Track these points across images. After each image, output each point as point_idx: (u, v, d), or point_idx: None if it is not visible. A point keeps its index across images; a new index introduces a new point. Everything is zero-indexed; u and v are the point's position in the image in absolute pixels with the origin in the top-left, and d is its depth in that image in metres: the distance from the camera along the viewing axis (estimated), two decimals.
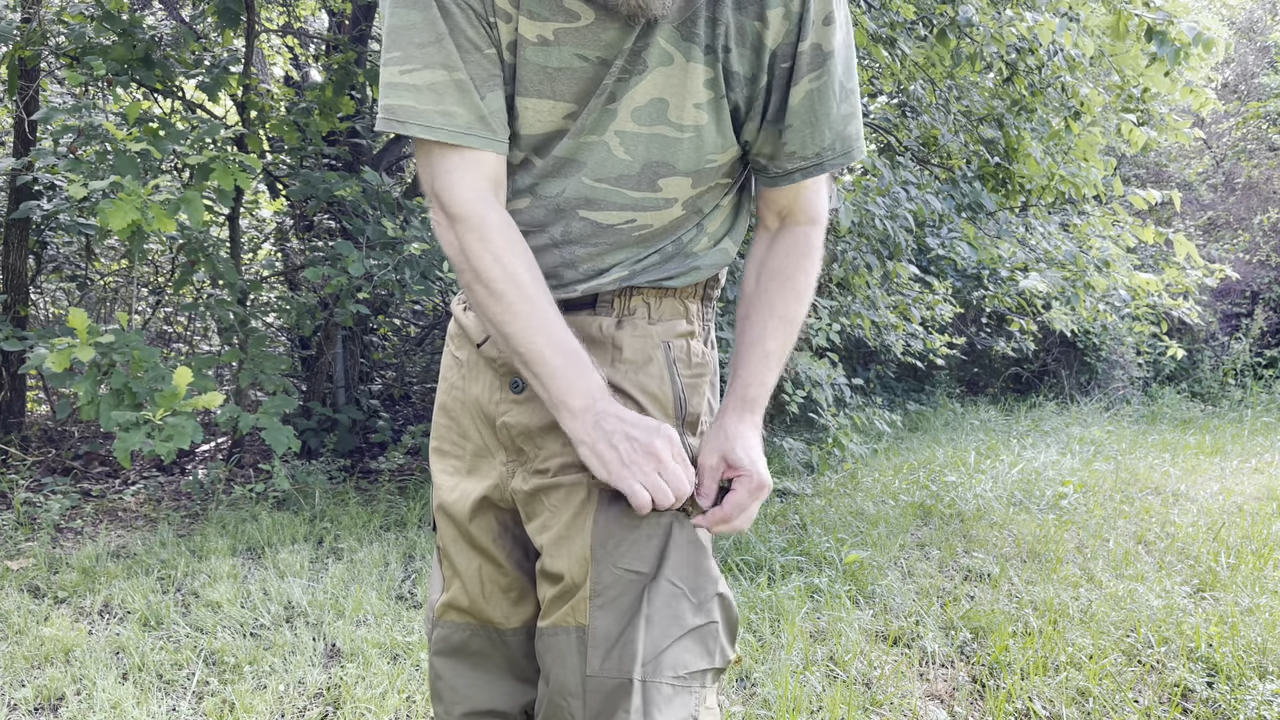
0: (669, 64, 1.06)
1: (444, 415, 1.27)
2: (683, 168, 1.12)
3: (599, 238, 1.14)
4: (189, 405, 3.01)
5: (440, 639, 1.27)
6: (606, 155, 1.10)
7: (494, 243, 1.06)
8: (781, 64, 1.09)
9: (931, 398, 8.49)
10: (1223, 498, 4.65)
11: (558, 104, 1.09)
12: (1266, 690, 2.30)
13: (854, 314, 5.19)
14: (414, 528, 3.79)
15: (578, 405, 1.05)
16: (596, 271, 1.15)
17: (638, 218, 1.14)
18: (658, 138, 1.10)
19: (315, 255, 4.87)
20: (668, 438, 1.05)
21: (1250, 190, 10.84)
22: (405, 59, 1.04)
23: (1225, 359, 9.80)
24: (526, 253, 1.08)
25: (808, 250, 1.20)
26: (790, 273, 1.19)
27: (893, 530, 3.89)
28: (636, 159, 1.10)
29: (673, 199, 1.14)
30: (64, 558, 3.28)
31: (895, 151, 5.26)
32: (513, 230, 1.08)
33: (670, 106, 1.08)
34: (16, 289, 4.52)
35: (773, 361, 1.17)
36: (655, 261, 1.17)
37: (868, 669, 2.49)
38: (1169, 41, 3.73)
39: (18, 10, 4.42)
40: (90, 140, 3.49)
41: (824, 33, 1.07)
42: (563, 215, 1.13)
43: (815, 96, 1.10)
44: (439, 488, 1.26)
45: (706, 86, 1.08)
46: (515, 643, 1.25)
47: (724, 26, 1.05)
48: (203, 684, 2.34)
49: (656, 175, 1.11)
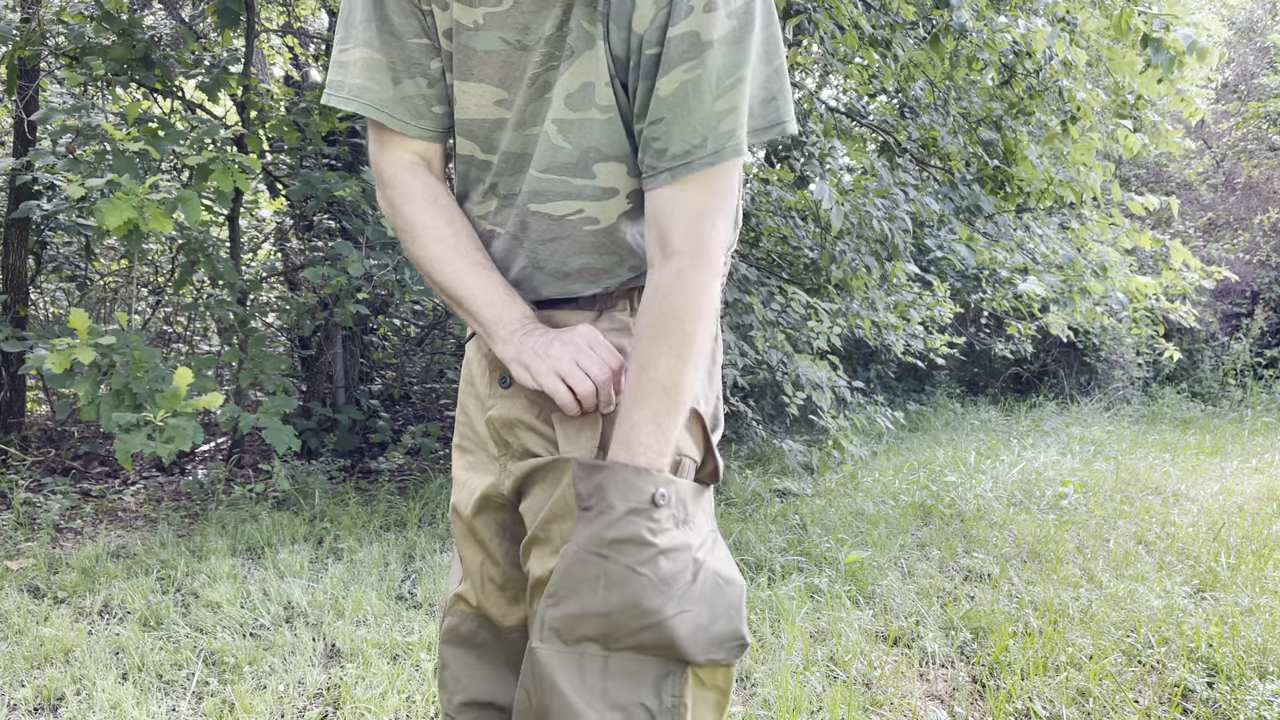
0: (591, 46, 1.04)
1: (461, 412, 1.29)
2: (611, 151, 1.09)
3: (554, 231, 1.13)
4: (190, 406, 3.00)
5: (449, 628, 1.29)
6: (548, 145, 1.10)
7: (416, 200, 1.15)
8: (648, 50, 1.02)
9: (932, 398, 8.49)
10: (1223, 498, 4.65)
11: (487, 88, 1.10)
12: (1266, 690, 2.30)
13: (853, 315, 5.19)
14: (414, 528, 3.79)
15: (505, 332, 1.11)
16: (563, 274, 1.15)
17: (584, 208, 1.12)
18: (589, 122, 1.08)
19: (315, 255, 4.87)
20: (588, 331, 1.08)
21: (1250, 190, 10.84)
22: (345, 38, 1.13)
23: (1225, 359, 9.80)
24: (450, 208, 1.16)
25: (689, 297, 1.02)
26: (665, 327, 1.02)
27: (893, 530, 3.89)
28: (574, 145, 1.09)
29: (612, 189, 1.11)
30: (64, 558, 3.28)
31: (894, 153, 5.26)
32: (437, 192, 1.16)
33: (595, 89, 1.06)
34: (16, 289, 4.52)
35: (640, 433, 1.01)
36: (627, 275, 1.15)
37: (868, 669, 2.49)
38: (1164, 49, 3.73)
39: (17, 10, 4.42)
40: (89, 141, 3.49)
41: (703, 20, 0.98)
42: (519, 210, 1.14)
43: (688, 89, 1.00)
44: (455, 482, 1.28)
45: (611, 63, 1.05)
46: (512, 640, 1.26)
47: (611, 3, 1.03)
48: (202, 684, 2.34)
49: (590, 160, 1.10)
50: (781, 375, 4.75)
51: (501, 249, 1.17)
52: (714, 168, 1.04)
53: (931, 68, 4.46)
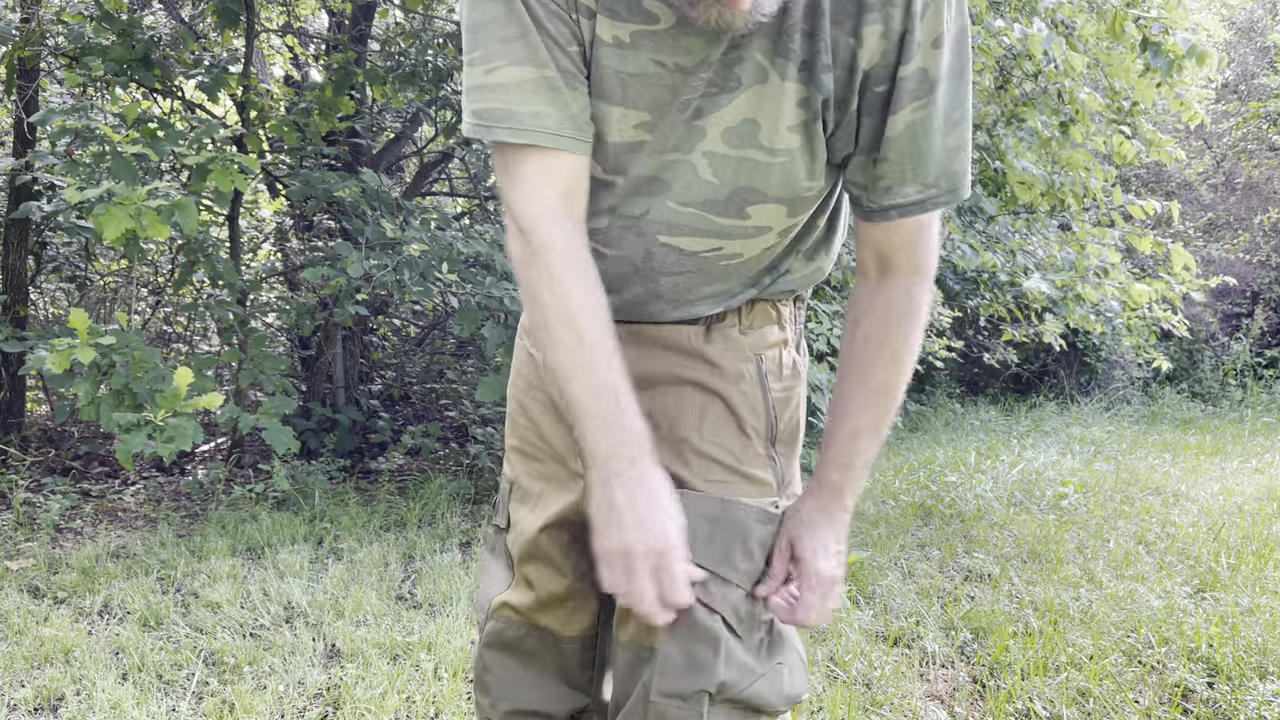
0: (763, 81, 0.95)
1: (523, 415, 1.20)
2: (774, 195, 1.02)
3: (684, 265, 1.06)
4: (189, 406, 3.00)
5: (493, 633, 1.23)
6: (693, 178, 1.01)
7: (556, 267, 0.96)
8: (876, 88, 0.96)
9: (932, 398, 8.49)
10: (1223, 498, 4.65)
11: (629, 112, 0.99)
12: (1267, 690, 2.30)
13: None
14: (414, 528, 3.79)
15: (599, 459, 0.97)
16: (685, 302, 1.08)
17: (725, 246, 1.05)
18: (747, 161, 1.00)
19: (315, 255, 4.87)
20: (656, 558, 0.96)
21: (1250, 190, 10.84)
22: (488, 57, 0.95)
23: (1225, 359, 9.80)
24: (589, 279, 0.98)
25: (909, 309, 1.05)
26: (885, 337, 1.05)
27: (893, 530, 3.89)
28: (725, 183, 1.01)
29: (765, 227, 1.04)
30: (64, 558, 3.28)
31: None
32: (580, 253, 0.98)
33: (762, 129, 0.98)
34: (16, 289, 4.51)
35: (863, 441, 1.06)
36: (751, 293, 1.10)
37: (868, 669, 2.49)
38: (1163, 53, 3.73)
39: (17, 10, 4.42)
40: (88, 142, 3.48)
41: (931, 56, 0.93)
42: (644, 239, 1.05)
43: (918, 129, 0.96)
44: (519, 489, 1.21)
45: (800, 107, 0.97)
46: (570, 650, 1.22)
47: (821, 42, 0.94)
48: (202, 684, 2.34)
49: (745, 202, 1.02)
50: None
51: (612, 271, 1.07)
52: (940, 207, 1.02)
53: None
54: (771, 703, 1.05)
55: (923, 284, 1.05)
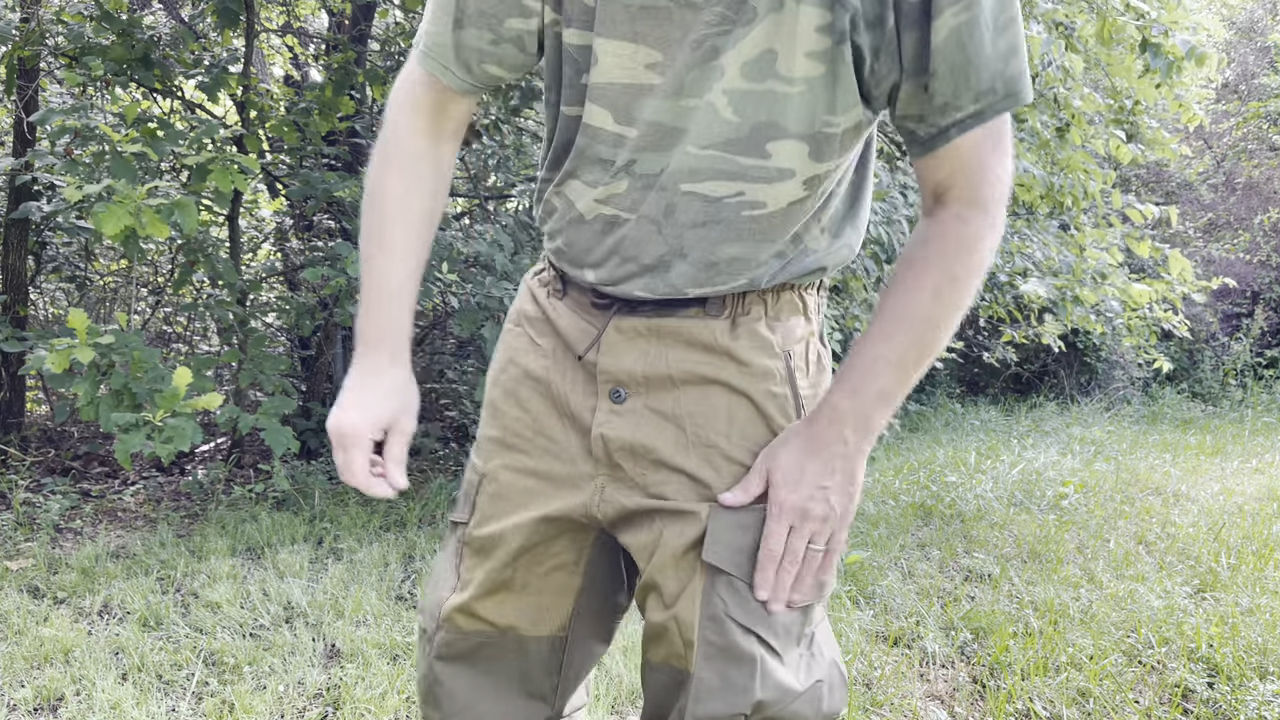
0: (779, 9, 0.90)
1: (516, 407, 1.13)
2: (794, 129, 0.95)
3: (708, 214, 1.00)
4: (189, 406, 3.00)
5: (445, 642, 1.15)
6: (713, 118, 0.95)
7: (390, 148, 1.10)
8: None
9: (932, 398, 8.49)
10: (1223, 498, 4.65)
11: (639, 48, 0.94)
12: (1267, 690, 2.30)
13: (851, 316, 5.19)
14: (414, 528, 3.78)
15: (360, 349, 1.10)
16: (708, 264, 1.01)
17: (746, 190, 0.98)
18: (769, 95, 0.93)
19: (315, 255, 4.87)
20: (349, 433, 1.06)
21: (1250, 190, 10.84)
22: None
23: (1225, 359, 9.80)
24: (415, 178, 1.09)
25: (960, 240, 0.97)
26: (927, 266, 0.97)
27: (893, 530, 3.89)
28: (745, 120, 0.95)
29: (787, 169, 0.97)
30: (63, 558, 3.28)
31: (896, 158, 5.26)
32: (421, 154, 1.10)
33: (779, 57, 0.92)
34: (16, 289, 4.51)
35: (880, 369, 0.97)
36: (775, 266, 1.03)
37: (868, 669, 2.48)
38: (1162, 54, 3.73)
39: (17, 10, 4.42)
40: (87, 142, 3.48)
41: None
42: (665, 193, 1.00)
43: (963, 33, 0.88)
44: (501, 484, 1.13)
45: (821, 32, 0.90)
46: (537, 652, 1.16)
47: None
48: (202, 684, 2.34)
49: (765, 138, 0.96)
50: None
51: (632, 236, 1.02)
52: (1002, 115, 0.94)
53: None
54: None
55: (982, 215, 0.97)
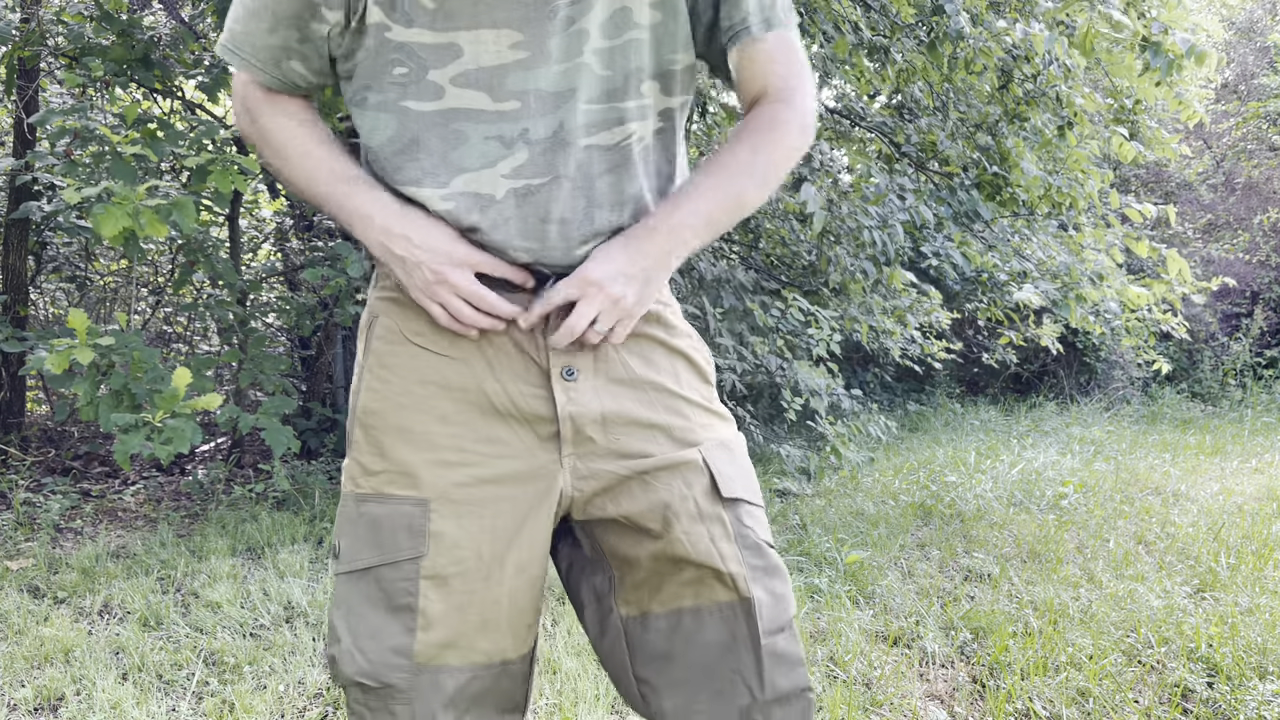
0: None
1: (439, 423, 1.08)
2: (652, 68, 1.08)
3: (613, 162, 1.08)
4: (188, 406, 3.00)
5: (459, 689, 1.07)
6: (591, 76, 1.05)
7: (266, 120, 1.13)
8: None
9: (931, 398, 8.49)
10: (1223, 498, 4.65)
11: (500, 32, 1.01)
12: (1266, 690, 2.30)
13: (850, 318, 5.20)
14: None
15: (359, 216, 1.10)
16: (618, 204, 1.09)
17: (634, 129, 1.09)
18: (630, 43, 1.06)
19: (315, 255, 4.87)
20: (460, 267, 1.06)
21: (1250, 190, 10.84)
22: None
23: (1225, 359, 9.80)
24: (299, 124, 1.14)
25: (769, 123, 1.10)
26: (738, 137, 1.11)
27: (893, 530, 3.89)
28: (618, 71, 1.06)
29: (650, 105, 1.10)
30: (64, 558, 3.28)
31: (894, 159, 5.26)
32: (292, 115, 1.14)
33: (632, 11, 1.05)
34: (16, 289, 4.52)
35: (699, 193, 1.08)
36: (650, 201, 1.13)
37: (868, 669, 2.49)
38: (1162, 53, 3.73)
39: (17, 10, 4.42)
40: (87, 143, 3.48)
41: None
42: (569, 149, 1.06)
43: None
44: (458, 502, 1.07)
45: None
46: (519, 671, 1.13)
47: None
48: (202, 684, 2.34)
49: (636, 81, 1.07)
50: (780, 380, 4.76)
51: (546, 200, 1.06)
52: (788, 30, 1.11)
53: (930, 70, 4.47)
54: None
55: (788, 108, 1.11)
